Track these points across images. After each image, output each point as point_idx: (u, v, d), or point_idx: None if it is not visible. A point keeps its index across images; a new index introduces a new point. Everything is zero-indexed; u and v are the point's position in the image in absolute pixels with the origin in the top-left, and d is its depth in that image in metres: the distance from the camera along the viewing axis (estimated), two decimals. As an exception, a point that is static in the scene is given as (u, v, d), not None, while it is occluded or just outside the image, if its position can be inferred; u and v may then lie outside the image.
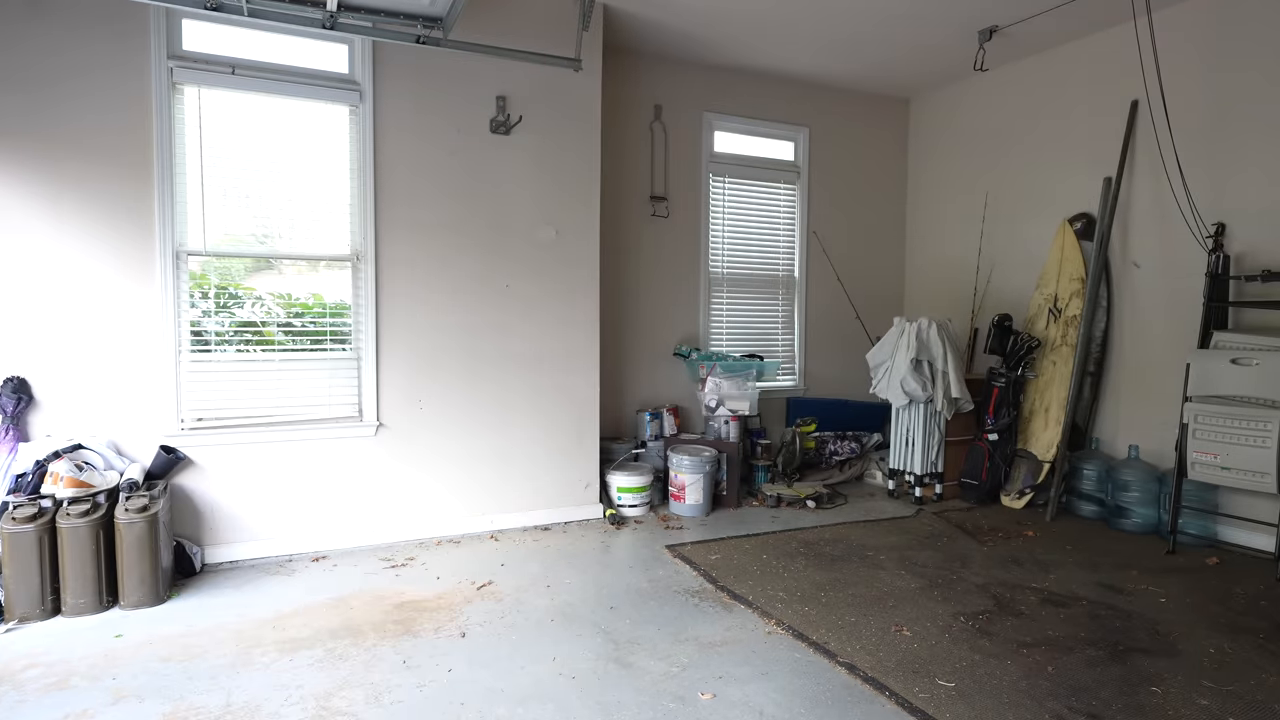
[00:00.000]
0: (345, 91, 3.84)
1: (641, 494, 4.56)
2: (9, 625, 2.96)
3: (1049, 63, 5.10)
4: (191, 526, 3.62)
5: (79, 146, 3.38)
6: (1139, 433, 4.57)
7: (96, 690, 2.46)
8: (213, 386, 3.66)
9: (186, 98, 3.57)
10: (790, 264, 5.91)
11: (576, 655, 2.74)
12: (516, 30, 4.16)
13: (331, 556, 3.79)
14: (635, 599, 3.27)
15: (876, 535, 4.22)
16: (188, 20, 3.54)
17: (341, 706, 2.37)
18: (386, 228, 3.96)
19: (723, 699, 2.43)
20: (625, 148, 5.20)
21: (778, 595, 3.30)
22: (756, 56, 5.26)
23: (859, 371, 5.96)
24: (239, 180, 3.69)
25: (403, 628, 2.95)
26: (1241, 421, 3.68)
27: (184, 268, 3.60)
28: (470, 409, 4.20)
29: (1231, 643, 2.87)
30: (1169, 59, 4.26)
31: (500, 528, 4.29)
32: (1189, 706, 2.40)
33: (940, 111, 6.00)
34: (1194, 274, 4.27)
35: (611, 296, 5.14)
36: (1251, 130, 4.02)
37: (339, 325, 3.93)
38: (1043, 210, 5.18)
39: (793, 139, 5.86)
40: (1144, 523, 4.25)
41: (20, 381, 3.30)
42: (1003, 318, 4.80)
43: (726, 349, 5.66)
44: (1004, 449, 4.84)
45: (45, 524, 3.01)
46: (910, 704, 2.39)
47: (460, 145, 4.11)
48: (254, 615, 3.07)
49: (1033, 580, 3.51)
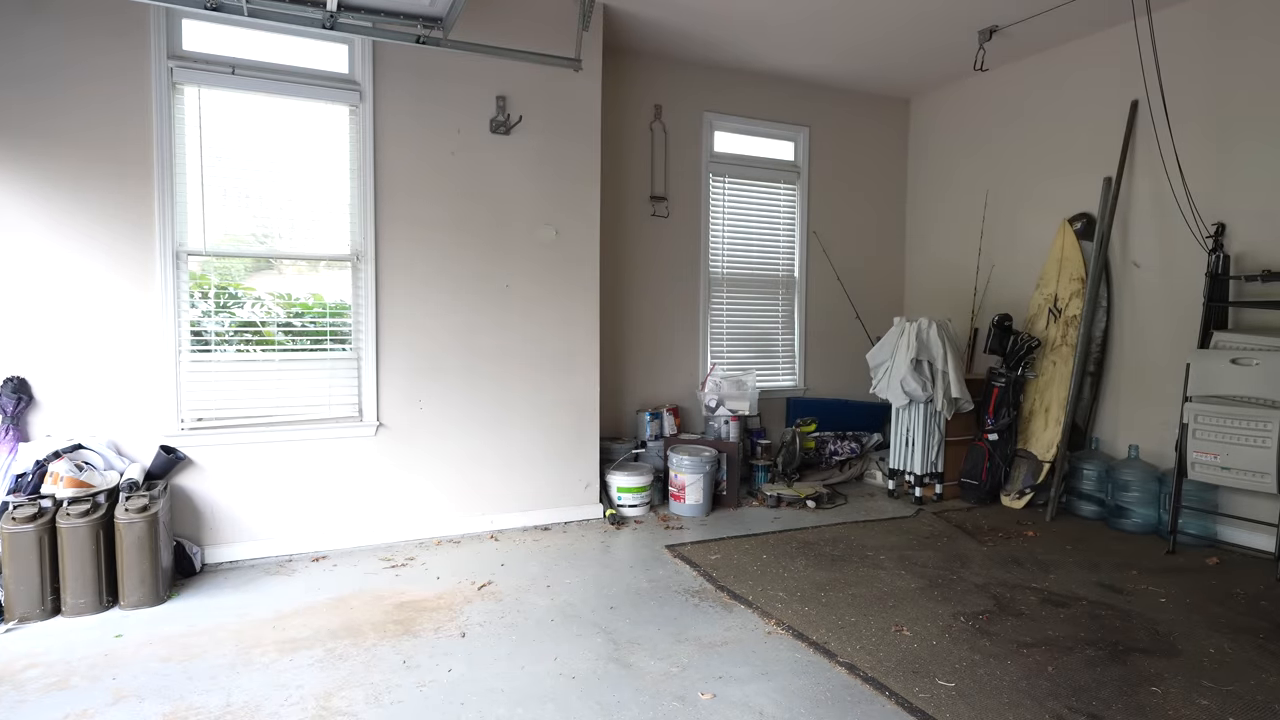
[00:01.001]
0: (345, 91, 3.84)
1: (641, 494, 4.55)
2: (9, 625, 2.96)
3: (1049, 63, 5.10)
4: (191, 526, 3.62)
5: (79, 146, 3.38)
6: (1139, 433, 4.57)
7: (96, 690, 2.46)
8: (213, 386, 3.66)
9: (186, 98, 3.57)
10: (790, 264, 5.91)
11: (576, 655, 2.74)
12: (516, 30, 4.16)
13: (331, 556, 3.79)
14: (635, 599, 3.27)
15: (876, 535, 4.22)
16: (188, 20, 3.54)
17: (341, 706, 2.37)
18: (386, 228, 3.96)
19: (723, 699, 2.43)
20: (625, 148, 5.20)
21: (778, 595, 3.30)
22: (756, 56, 5.26)
23: (859, 371, 5.97)
24: (239, 180, 3.69)
25: (403, 628, 2.95)
26: (1241, 421, 3.68)
27: (184, 268, 3.60)
28: (470, 409, 4.20)
29: (1231, 643, 2.87)
30: (1169, 59, 4.26)
31: (500, 528, 4.29)
32: (1189, 706, 2.40)
33: (940, 111, 6.00)
34: (1194, 274, 4.27)
35: (611, 296, 5.14)
36: (1251, 130, 4.02)
37: (339, 325, 3.93)
38: (1043, 210, 5.18)
39: (793, 139, 5.86)
40: (1144, 523, 4.25)
41: (20, 381, 3.30)
42: (1003, 318, 4.80)
43: (727, 349, 5.67)
44: (1004, 449, 4.84)
45: (45, 524, 3.01)
46: (910, 704, 2.39)
47: (460, 145, 4.11)
48: (254, 615, 3.07)
49: (1033, 580, 3.51)
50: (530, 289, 4.33)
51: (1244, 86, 4.05)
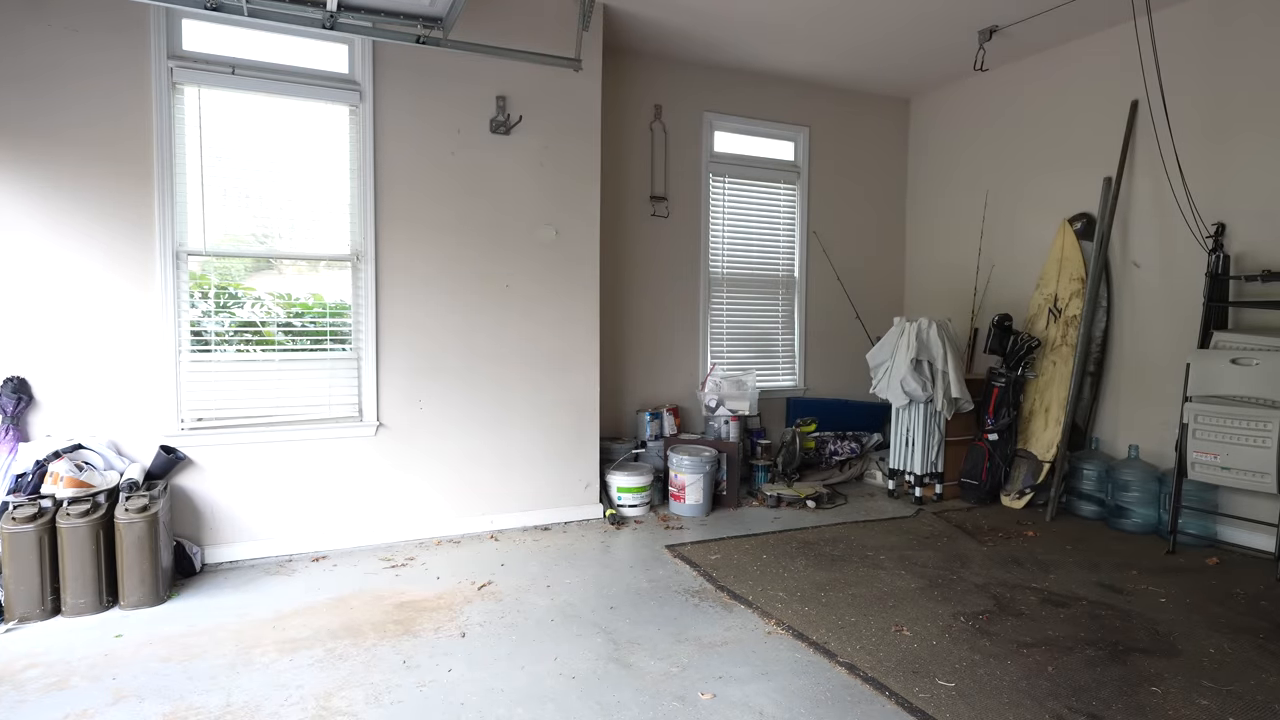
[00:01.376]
0: (345, 91, 3.84)
1: (641, 494, 4.55)
2: (9, 625, 2.96)
3: (1049, 63, 5.10)
4: (191, 526, 3.62)
5: (79, 145, 3.38)
6: (1139, 433, 4.57)
7: (96, 690, 2.46)
8: (213, 386, 3.66)
9: (186, 98, 3.57)
10: (790, 264, 5.91)
11: (576, 655, 2.74)
12: (516, 30, 4.16)
13: (331, 556, 3.79)
14: (635, 599, 3.27)
15: (876, 535, 4.22)
16: (188, 20, 3.54)
17: (341, 706, 2.37)
18: (386, 228, 3.96)
19: (723, 699, 2.43)
20: (625, 148, 5.20)
21: (778, 595, 3.30)
22: (757, 56, 5.26)
23: (859, 371, 5.97)
24: (239, 180, 3.69)
25: (403, 628, 2.95)
26: (1241, 421, 3.68)
27: (184, 268, 3.60)
28: (470, 409, 4.20)
29: (1231, 643, 2.87)
30: (1169, 59, 4.26)
31: (500, 528, 4.29)
32: (1189, 706, 2.40)
33: (940, 111, 6.00)
34: (1194, 274, 4.27)
35: (611, 296, 5.14)
36: (1251, 130, 4.02)
37: (339, 325, 3.93)
38: (1043, 210, 5.18)
39: (793, 139, 5.86)
40: (1144, 523, 4.25)
41: (20, 381, 3.30)
42: (1003, 318, 4.80)
43: (727, 349, 5.66)
44: (1004, 449, 4.84)
45: (45, 524, 3.01)
46: (910, 704, 2.39)
47: (460, 145, 4.11)
48: (254, 615, 3.07)
49: (1033, 580, 3.51)
50: (530, 289, 4.33)
51: (1244, 86, 4.05)
